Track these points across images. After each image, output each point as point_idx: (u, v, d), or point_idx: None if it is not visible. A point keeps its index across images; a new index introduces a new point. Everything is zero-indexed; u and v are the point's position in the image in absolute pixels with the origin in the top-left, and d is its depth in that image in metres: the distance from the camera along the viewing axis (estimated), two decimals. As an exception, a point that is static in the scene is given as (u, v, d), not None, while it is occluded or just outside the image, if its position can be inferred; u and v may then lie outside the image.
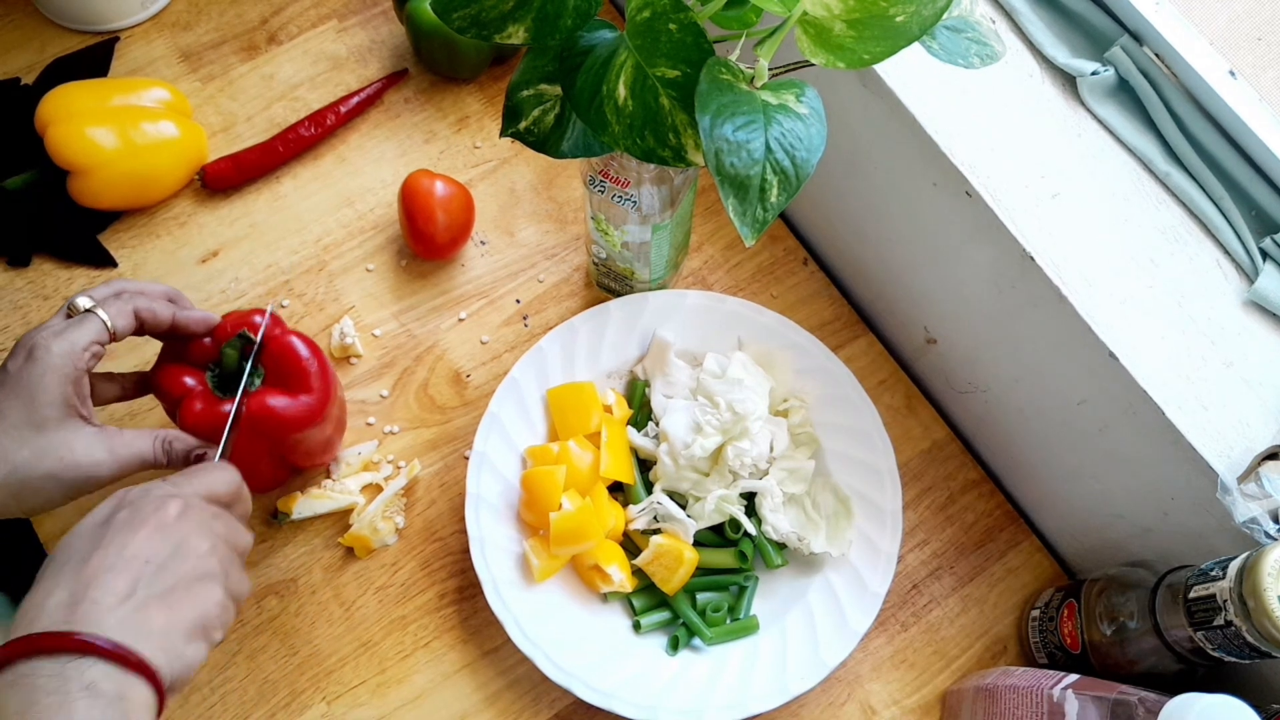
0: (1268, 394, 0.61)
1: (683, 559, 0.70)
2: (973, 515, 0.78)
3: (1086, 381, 0.65)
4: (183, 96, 0.85)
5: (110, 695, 0.46)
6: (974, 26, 0.60)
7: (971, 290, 0.72)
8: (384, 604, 0.74)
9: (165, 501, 0.53)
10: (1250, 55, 0.69)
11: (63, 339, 0.58)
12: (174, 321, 0.64)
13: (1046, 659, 0.71)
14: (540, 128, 0.59)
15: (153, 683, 0.48)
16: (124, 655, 0.47)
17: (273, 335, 0.66)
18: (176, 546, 0.52)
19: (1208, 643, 0.56)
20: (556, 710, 0.71)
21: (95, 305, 0.60)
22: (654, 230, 0.71)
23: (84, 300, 0.60)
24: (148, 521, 0.51)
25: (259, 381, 0.66)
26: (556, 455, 0.72)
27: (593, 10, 0.52)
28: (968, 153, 0.66)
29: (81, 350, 0.58)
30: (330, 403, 0.68)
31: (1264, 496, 0.56)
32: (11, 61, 0.89)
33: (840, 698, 0.72)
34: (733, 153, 0.48)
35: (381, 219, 0.85)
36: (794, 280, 0.85)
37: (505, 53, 0.90)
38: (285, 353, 0.66)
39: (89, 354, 0.59)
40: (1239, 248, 0.64)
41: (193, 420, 0.63)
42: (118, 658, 0.46)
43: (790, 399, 0.77)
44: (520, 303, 0.83)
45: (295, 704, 0.71)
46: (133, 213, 0.84)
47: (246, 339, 0.65)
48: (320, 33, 0.92)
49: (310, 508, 0.74)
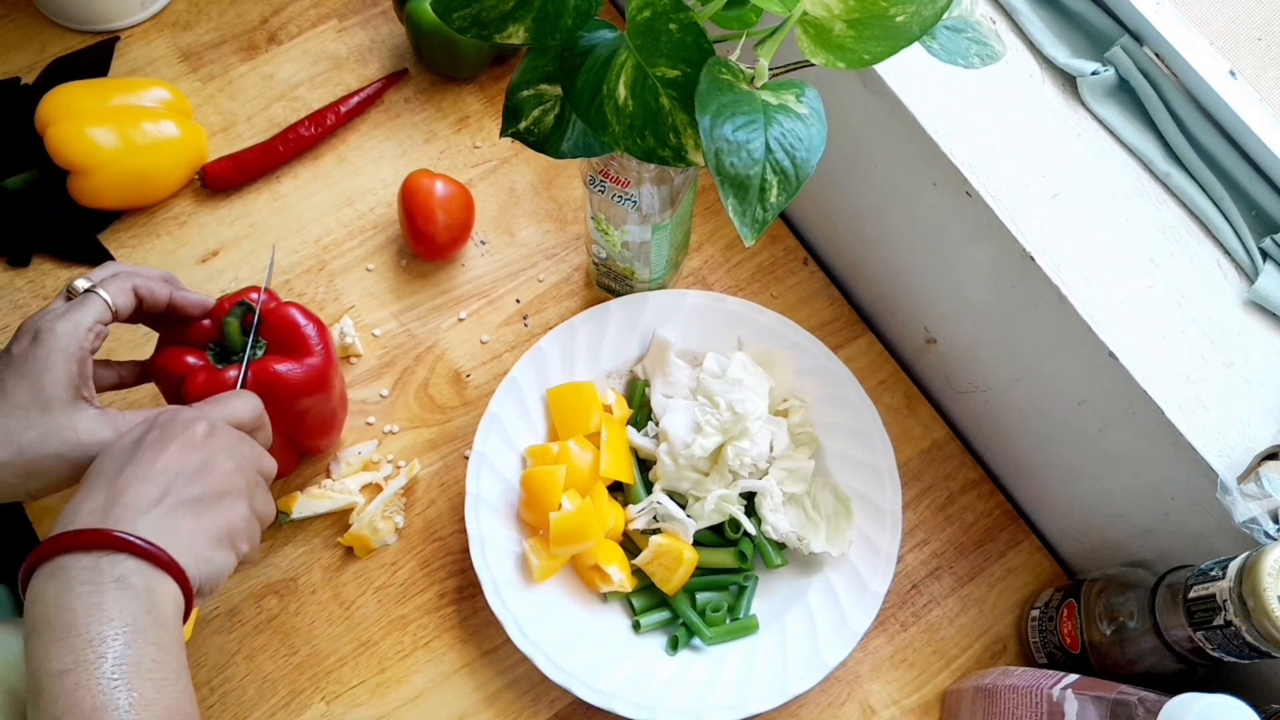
0: (1268, 394, 0.61)
1: (682, 559, 0.70)
2: (972, 515, 0.78)
3: (1086, 381, 0.65)
4: (183, 96, 0.85)
5: (139, 588, 0.49)
6: (974, 26, 0.60)
7: (971, 290, 0.72)
8: (383, 604, 0.74)
9: (193, 422, 0.56)
10: (1250, 55, 0.69)
11: (66, 320, 0.59)
12: (171, 301, 0.65)
13: (1046, 659, 0.71)
14: (540, 128, 0.59)
15: (180, 581, 0.51)
16: (153, 553, 0.50)
17: (269, 308, 0.67)
18: (204, 462, 0.55)
19: (1207, 643, 0.56)
20: (556, 710, 0.71)
21: (94, 285, 0.61)
22: (654, 230, 0.71)
23: (82, 282, 0.61)
24: (177, 438, 0.55)
25: (261, 352, 0.66)
26: (556, 455, 0.72)
27: (593, 10, 0.52)
28: (968, 153, 0.66)
29: (86, 330, 0.59)
30: (333, 366, 0.68)
31: (1264, 496, 0.56)
32: (11, 61, 0.89)
33: (840, 698, 0.72)
34: (733, 153, 0.48)
35: (381, 219, 0.85)
36: (794, 280, 0.85)
37: (505, 53, 0.90)
38: (284, 322, 0.67)
39: (93, 334, 0.60)
40: (1239, 248, 0.64)
41: (198, 392, 0.63)
42: (147, 554, 0.50)
43: (790, 399, 0.77)
44: (520, 302, 0.83)
45: (295, 703, 0.71)
46: (133, 212, 0.84)
47: (247, 307, 0.65)
48: (320, 33, 0.92)
49: (310, 507, 0.74)
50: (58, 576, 0.48)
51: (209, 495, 0.54)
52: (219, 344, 0.66)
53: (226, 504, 0.55)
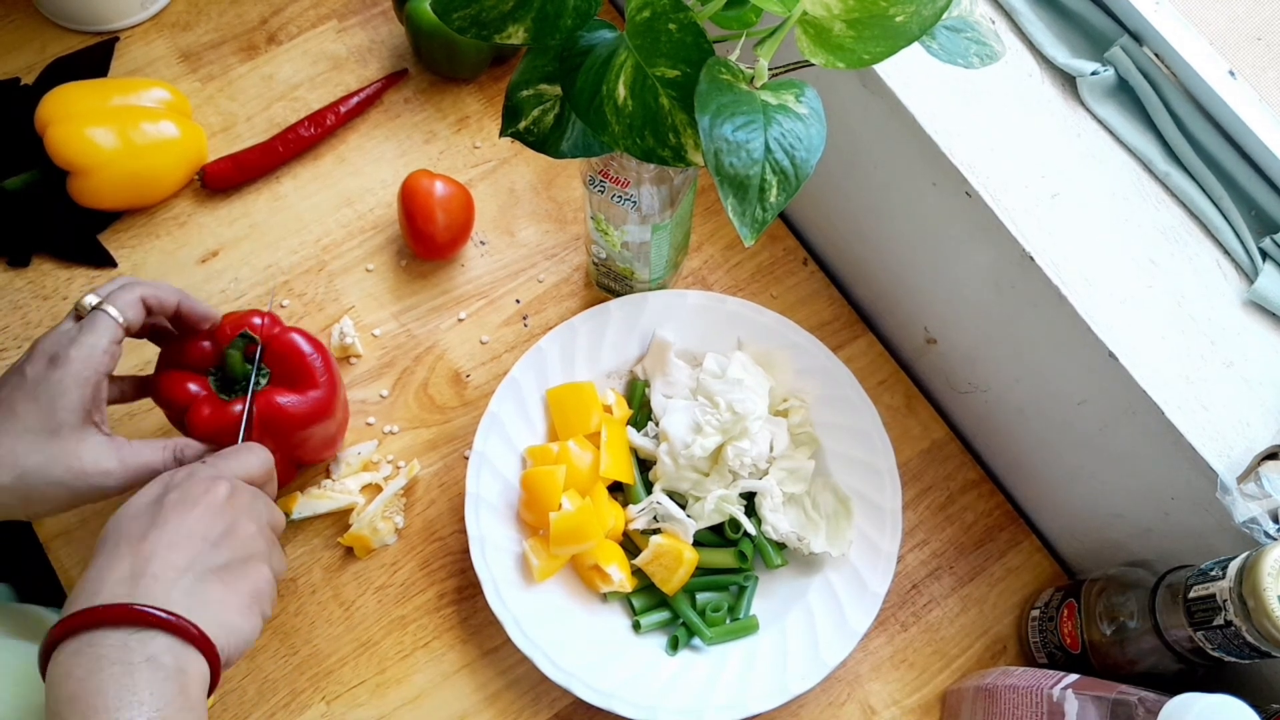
0: (1268, 394, 0.61)
1: (682, 559, 0.70)
2: (972, 515, 0.78)
3: (1086, 381, 0.65)
4: (183, 96, 0.85)
5: (170, 668, 0.48)
6: (974, 26, 0.60)
7: (971, 290, 0.72)
8: (383, 604, 0.74)
9: (214, 484, 0.55)
10: (1250, 55, 0.69)
11: (81, 345, 0.58)
12: (179, 308, 0.64)
13: (1046, 659, 0.71)
14: (540, 128, 0.59)
15: (209, 656, 0.50)
16: (185, 628, 0.49)
17: (273, 334, 0.66)
18: (228, 526, 0.54)
19: (1207, 643, 0.56)
20: (556, 710, 0.71)
21: (102, 301, 0.60)
22: (654, 230, 0.71)
23: (91, 298, 0.61)
24: (199, 502, 0.54)
25: (264, 381, 0.66)
26: (556, 455, 0.72)
27: (593, 10, 0.52)
28: (968, 153, 0.66)
29: (102, 354, 0.58)
30: (337, 395, 0.68)
31: (1264, 496, 0.56)
32: (11, 61, 0.89)
33: (840, 698, 0.72)
34: (732, 153, 0.48)
35: (381, 219, 0.85)
36: (794, 280, 0.85)
37: (505, 53, 0.90)
38: (288, 350, 0.66)
39: (109, 355, 0.59)
40: (1239, 248, 0.64)
41: (203, 426, 0.63)
42: (179, 630, 0.48)
43: (790, 399, 0.77)
44: (520, 303, 0.83)
45: (295, 704, 0.71)
46: (133, 213, 0.84)
47: (249, 339, 0.65)
48: (320, 33, 0.92)
49: (310, 508, 0.74)
50: (85, 654, 0.47)
51: (235, 561, 0.54)
52: (221, 369, 0.65)
53: (252, 568, 0.54)
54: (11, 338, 0.80)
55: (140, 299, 0.62)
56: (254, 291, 0.82)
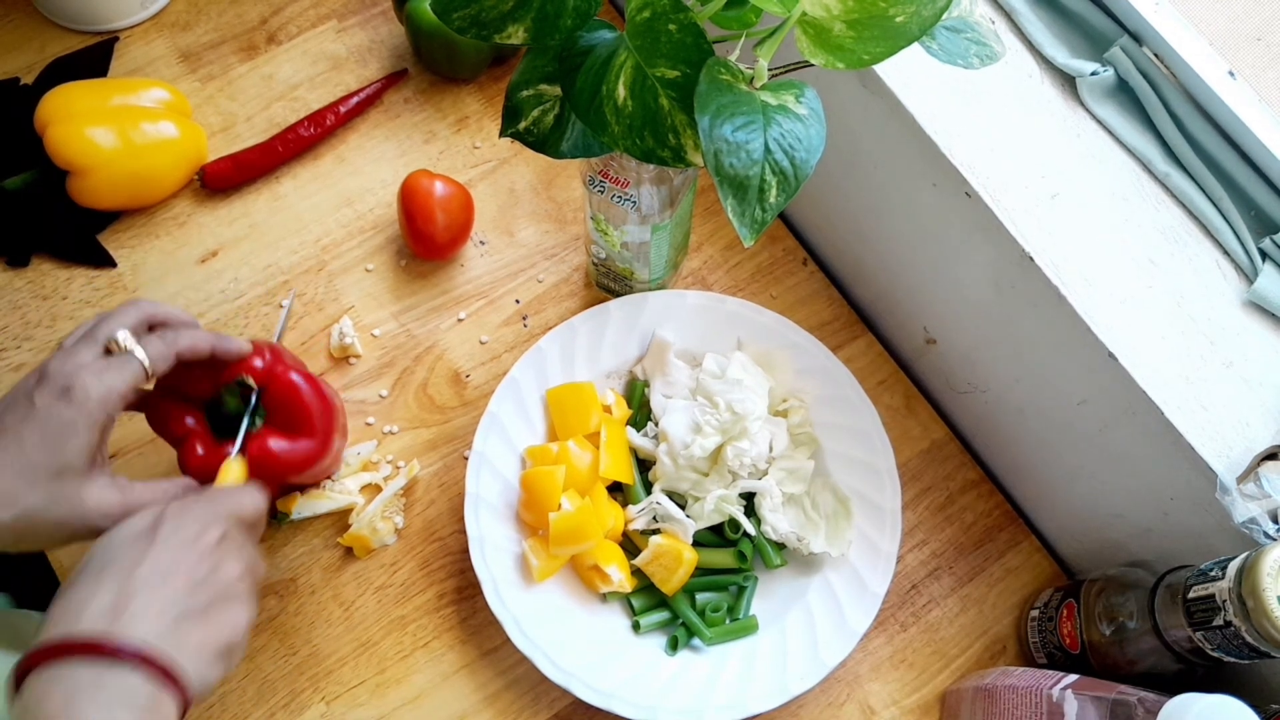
0: (1267, 394, 0.61)
1: (682, 559, 0.70)
2: (972, 515, 0.78)
3: (1086, 381, 0.65)
4: (182, 96, 0.85)
5: (143, 705, 0.47)
6: (974, 27, 0.60)
7: (971, 290, 0.72)
8: (383, 604, 0.74)
9: (210, 525, 0.55)
10: (1250, 55, 0.69)
11: (101, 383, 0.56)
12: (213, 352, 0.62)
13: (1046, 659, 0.71)
14: (540, 128, 0.59)
15: (181, 697, 0.49)
16: (163, 667, 0.48)
17: (275, 373, 0.65)
18: (214, 568, 0.54)
19: (1207, 643, 0.56)
20: (556, 710, 0.71)
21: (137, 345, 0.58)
22: (653, 230, 0.71)
23: (125, 337, 0.58)
24: (192, 542, 0.54)
25: (260, 422, 0.65)
26: (556, 455, 0.72)
27: (592, 10, 0.52)
28: (967, 153, 0.66)
29: (119, 397, 0.57)
30: (332, 441, 0.67)
31: (1263, 496, 0.56)
32: (11, 61, 0.89)
33: (840, 698, 0.72)
34: (732, 153, 0.48)
35: (381, 219, 0.85)
36: (793, 280, 0.85)
37: (505, 53, 0.90)
38: (288, 394, 0.65)
39: (124, 400, 0.58)
40: (1238, 248, 0.64)
41: (195, 466, 0.62)
42: (157, 669, 0.48)
43: (790, 399, 0.77)
44: (520, 303, 0.83)
45: (294, 704, 0.71)
46: (132, 213, 0.84)
47: (245, 385, 0.64)
48: (320, 33, 0.92)
49: (310, 508, 0.74)
50: (60, 684, 0.47)
51: (216, 601, 0.53)
52: (217, 403, 0.65)
53: (232, 613, 0.54)
54: (11, 337, 0.80)
55: (175, 355, 0.60)
56: (254, 291, 0.82)
